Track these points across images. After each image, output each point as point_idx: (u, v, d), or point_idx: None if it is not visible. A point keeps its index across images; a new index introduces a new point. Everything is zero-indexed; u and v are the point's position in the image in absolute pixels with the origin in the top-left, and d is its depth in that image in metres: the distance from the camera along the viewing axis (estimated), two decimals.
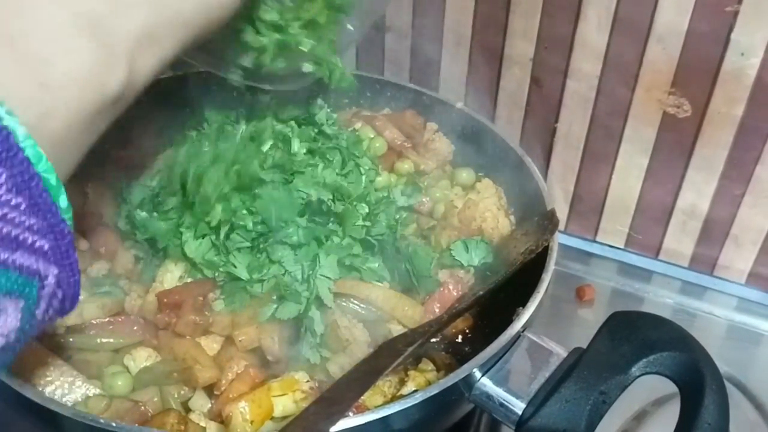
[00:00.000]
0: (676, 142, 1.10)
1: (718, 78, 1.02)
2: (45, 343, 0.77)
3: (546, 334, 0.79)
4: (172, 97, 1.08)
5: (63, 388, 0.74)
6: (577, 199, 1.23)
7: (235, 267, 0.83)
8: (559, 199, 1.23)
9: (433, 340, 0.85)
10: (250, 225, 0.83)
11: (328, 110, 0.99)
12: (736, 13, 0.97)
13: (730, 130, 1.05)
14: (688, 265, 1.20)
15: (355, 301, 0.83)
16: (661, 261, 1.22)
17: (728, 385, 1.02)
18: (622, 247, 1.24)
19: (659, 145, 1.12)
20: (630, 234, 1.22)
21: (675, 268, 1.21)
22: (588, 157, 1.18)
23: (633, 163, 1.15)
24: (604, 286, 1.20)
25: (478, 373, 0.73)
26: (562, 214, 1.25)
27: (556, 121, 1.17)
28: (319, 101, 1.05)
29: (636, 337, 0.73)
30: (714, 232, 1.15)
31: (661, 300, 1.19)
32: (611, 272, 1.23)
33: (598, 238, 1.26)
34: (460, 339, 0.89)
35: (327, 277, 0.82)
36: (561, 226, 1.27)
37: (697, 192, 1.13)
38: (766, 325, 1.15)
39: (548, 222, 0.88)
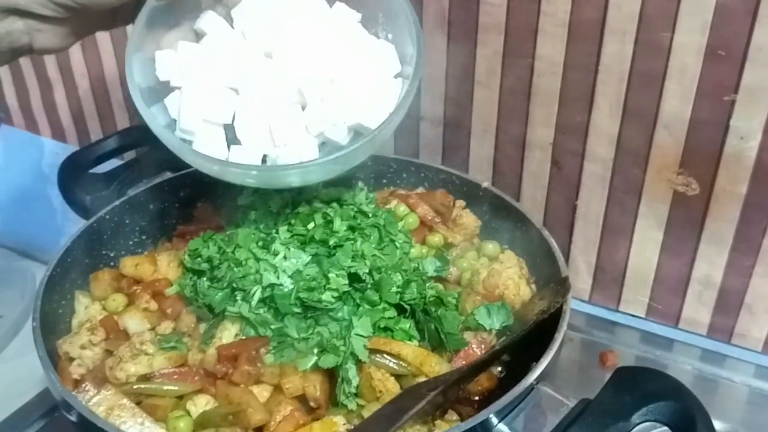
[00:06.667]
0: (688, 218, 1.18)
1: (721, 160, 1.11)
2: (120, 388, 0.90)
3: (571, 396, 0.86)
4: None
5: (134, 428, 0.86)
6: (599, 271, 1.32)
7: (286, 327, 0.95)
8: (582, 271, 1.32)
9: (461, 395, 0.94)
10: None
11: (367, 191, 1.12)
12: (733, 102, 1.07)
13: (736, 206, 1.14)
14: (706, 333, 1.26)
15: (388, 357, 0.93)
16: (680, 329, 1.28)
17: None
18: (643, 316, 1.31)
19: (672, 220, 1.20)
20: (650, 304, 1.29)
21: (694, 336, 1.26)
22: (607, 232, 1.27)
23: (649, 237, 1.23)
24: (627, 353, 1.26)
25: (494, 419, 0.83)
26: (586, 285, 1.33)
27: (576, 199, 1.27)
28: (360, 184, 1.19)
29: (637, 388, 0.81)
30: (729, 301, 1.21)
31: (682, 367, 1.23)
32: (634, 340, 1.29)
33: (620, 308, 1.32)
34: (485, 396, 0.98)
35: (361, 336, 0.93)
36: (586, 297, 1.34)
37: (710, 263, 1.20)
38: None
39: (560, 287, 0.98)
